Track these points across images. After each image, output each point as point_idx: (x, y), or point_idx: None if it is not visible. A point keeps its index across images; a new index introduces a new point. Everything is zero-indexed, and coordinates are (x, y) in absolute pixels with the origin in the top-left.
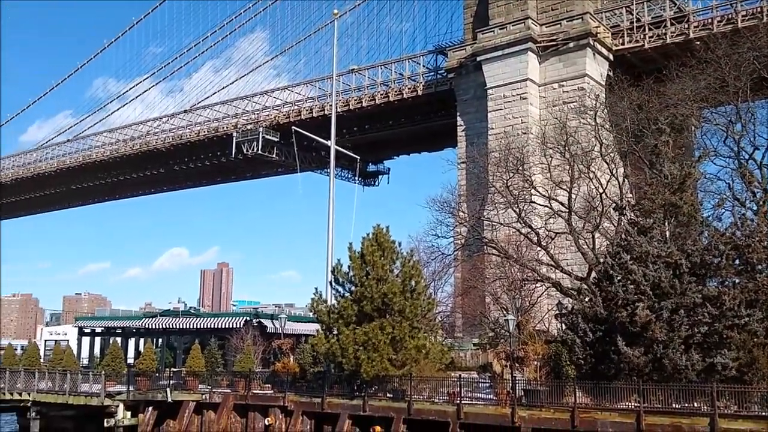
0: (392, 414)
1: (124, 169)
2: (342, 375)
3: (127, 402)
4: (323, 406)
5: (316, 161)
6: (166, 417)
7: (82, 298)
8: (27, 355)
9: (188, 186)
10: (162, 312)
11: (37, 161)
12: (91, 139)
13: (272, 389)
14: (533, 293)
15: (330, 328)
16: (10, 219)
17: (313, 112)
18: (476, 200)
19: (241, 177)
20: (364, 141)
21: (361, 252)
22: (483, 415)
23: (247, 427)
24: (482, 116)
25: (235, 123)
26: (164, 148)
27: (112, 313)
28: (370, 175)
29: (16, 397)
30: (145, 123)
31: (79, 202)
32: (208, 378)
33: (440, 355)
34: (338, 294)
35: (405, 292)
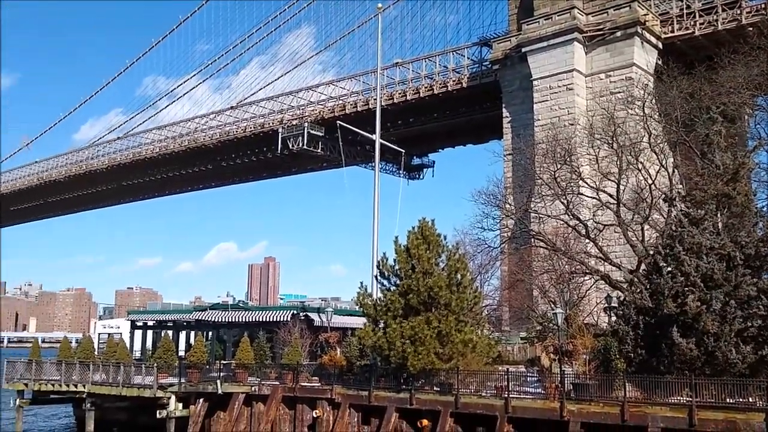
0: (439, 407)
1: (173, 166)
2: (389, 368)
3: (178, 394)
4: (370, 399)
5: (361, 155)
6: (216, 409)
7: (134, 292)
8: (82, 348)
9: (235, 182)
10: (212, 306)
11: (89, 159)
12: (140, 137)
13: (320, 382)
14: (581, 286)
15: (376, 322)
16: (64, 215)
17: (358, 106)
18: (523, 192)
19: (287, 172)
20: (409, 134)
21: (407, 245)
22: (531, 409)
23: (296, 419)
24: (528, 108)
25: (280, 119)
26: (212, 144)
27: (163, 306)
28: (414, 169)
29: (72, 388)
30: (193, 120)
31: (130, 198)
32: (257, 370)
33: (487, 349)
34: (384, 288)
35: (451, 286)
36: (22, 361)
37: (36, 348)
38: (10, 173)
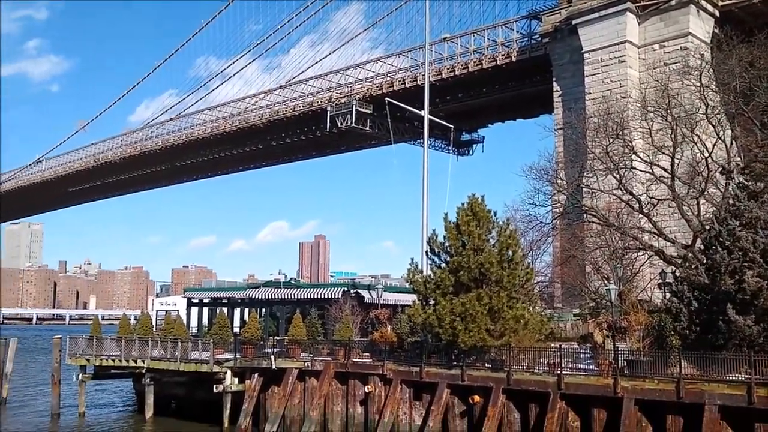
0: (491, 384)
1: (225, 146)
2: (439, 345)
3: (234, 369)
4: (421, 375)
5: (410, 132)
6: (270, 383)
7: (189, 271)
8: (140, 325)
9: (285, 161)
10: (264, 283)
11: (143, 140)
12: (192, 118)
13: (371, 358)
14: (635, 262)
15: (426, 299)
16: (121, 195)
17: (406, 82)
18: (574, 167)
19: (336, 150)
20: (458, 110)
21: (457, 222)
22: (584, 386)
23: (348, 394)
24: (579, 81)
25: (329, 97)
26: (261, 124)
27: (218, 284)
28: (464, 144)
29: (131, 364)
30: (243, 100)
31: (184, 178)
32: (309, 346)
33: (539, 326)
34: (434, 264)
35: (502, 262)
36: (84, 338)
37: (96, 325)
38: (67, 155)
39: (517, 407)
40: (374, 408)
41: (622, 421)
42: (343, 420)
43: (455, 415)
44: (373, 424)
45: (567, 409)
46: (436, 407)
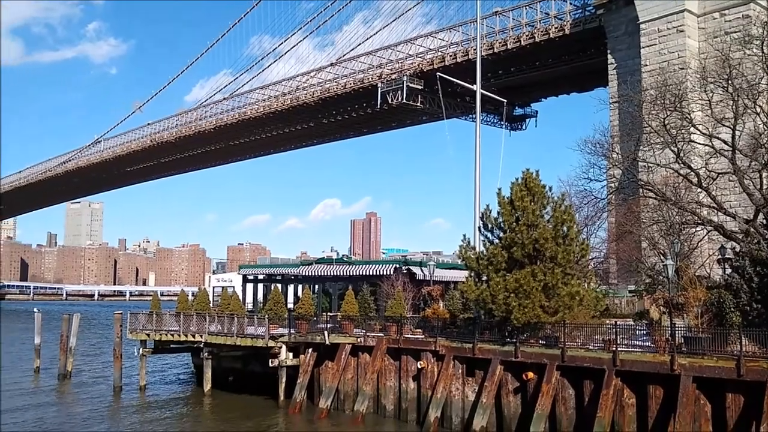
0: (545, 361)
1: (276, 124)
2: (492, 321)
3: (288, 344)
4: (474, 352)
5: (461, 107)
6: (324, 358)
7: (244, 248)
8: (198, 301)
9: (336, 138)
10: (317, 260)
11: (197, 120)
12: (245, 97)
13: (423, 334)
14: (693, 237)
15: (479, 275)
16: (177, 175)
17: (457, 57)
18: (630, 141)
19: (387, 127)
20: (510, 84)
21: (510, 197)
22: (640, 363)
23: (401, 370)
24: (635, 53)
25: (379, 73)
26: (312, 101)
27: (272, 261)
28: (516, 119)
29: (190, 338)
30: (294, 78)
31: (237, 157)
32: (362, 322)
33: (594, 302)
34: (487, 240)
35: (557, 238)
36: (144, 313)
37: (156, 301)
38: (124, 136)
39: (571, 384)
40: (427, 383)
41: (680, 398)
42: (396, 395)
43: (508, 392)
44: (426, 399)
45: (622, 386)
46: (489, 383)
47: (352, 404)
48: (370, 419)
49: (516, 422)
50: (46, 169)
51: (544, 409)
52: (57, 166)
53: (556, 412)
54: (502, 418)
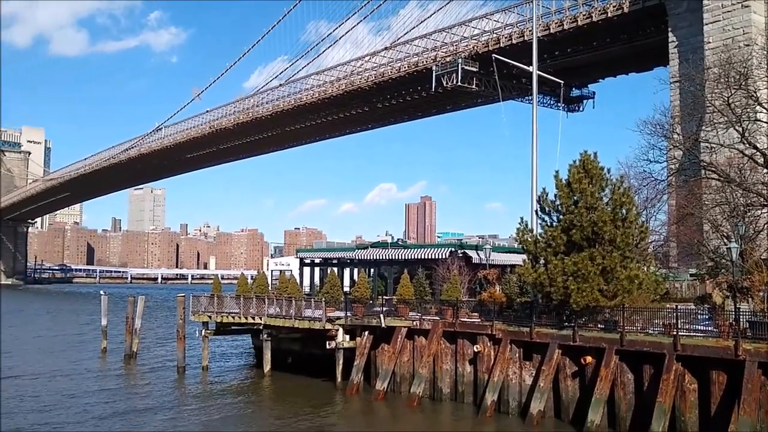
0: (604, 345)
1: (331, 110)
2: (550, 305)
3: (345, 327)
4: (531, 336)
5: (517, 89)
6: (380, 341)
7: (301, 232)
8: (257, 284)
9: (391, 122)
10: (373, 244)
11: (254, 106)
12: (300, 83)
13: (479, 318)
14: (758, 219)
15: (537, 258)
16: (236, 160)
17: (513, 38)
18: (692, 121)
19: (442, 110)
20: (567, 65)
21: (568, 180)
22: (702, 347)
23: (457, 353)
24: (697, 30)
25: (434, 56)
26: (367, 86)
27: (328, 245)
28: (573, 101)
29: (249, 321)
30: (349, 63)
31: (293, 143)
32: (417, 306)
33: (654, 286)
34: (544, 223)
35: (615, 221)
36: (206, 296)
37: (217, 284)
38: (184, 123)
39: (630, 369)
40: (483, 367)
41: (744, 384)
42: (452, 378)
43: (566, 376)
44: (483, 382)
45: (684, 371)
46: (546, 367)
47: (409, 387)
48: (427, 402)
49: (574, 406)
50: (110, 156)
51: (603, 393)
52: (120, 153)
53: (614, 397)
54: (560, 402)
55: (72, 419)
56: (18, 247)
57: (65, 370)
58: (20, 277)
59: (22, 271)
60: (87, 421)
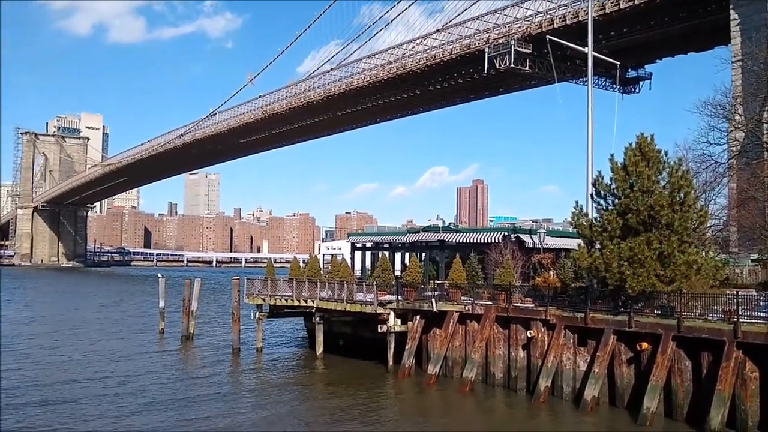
0: (660, 331)
1: (383, 93)
2: (605, 290)
3: (396, 310)
4: (586, 321)
5: (571, 71)
6: (432, 325)
7: (352, 216)
8: (309, 267)
9: (443, 105)
10: (424, 228)
11: (306, 91)
12: (352, 66)
13: (533, 303)
14: None
15: (592, 243)
16: (288, 145)
17: (567, 19)
18: (755, 101)
19: (494, 92)
20: (623, 45)
21: (624, 163)
22: (764, 335)
23: (510, 339)
24: (761, 7)
25: (486, 38)
26: (419, 69)
27: (379, 229)
28: (629, 82)
29: (302, 303)
30: (401, 46)
31: (344, 127)
32: (469, 290)
33: (713, 271)
34: (600, 207)
35: (673, 205)
36: (259, 279)
37: (270, 267)
38: (237, 108)
39: (688, 355)
40: (537, 352)
41: None
42: (505, 363)
43: (621, 362)
44: (536, 368)
45: (744, 359)
46: (601, 353)
47: (461, 371)
48: (479, 387)
49: (629, 393)
50: (166, 141)
51: (659, 380)
52: (176, 139)
53: (671, 384)
54: (615, 389)
55: (133, 402)
56: (78, 231)
57: (126, 351)
58: (80, 260)
59: (82, 254)
60: (146, 402)
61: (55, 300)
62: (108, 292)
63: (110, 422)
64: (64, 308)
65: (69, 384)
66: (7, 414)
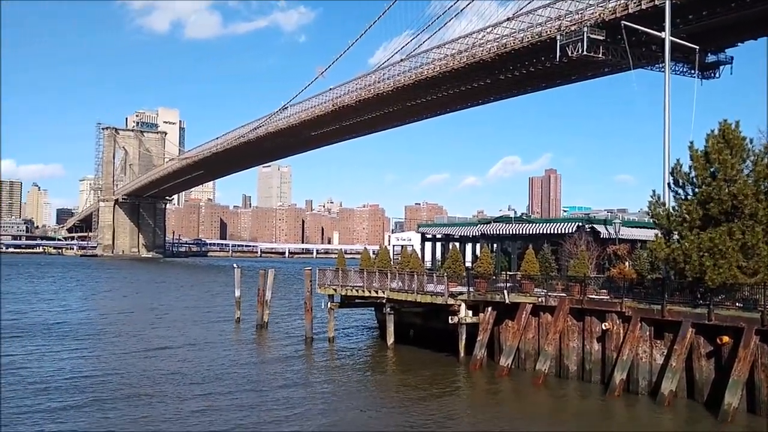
0: (742, 324)
1: (453, 83)
2: (683, 282)
3: (468, 302)
4: (663, 314)
5: (646, 57)
6: (504, 317)
7: (421, 207)
8: (379, 258)
9: (514, 94)
10: (495, 218)
11: (376, 82)
12: (422, 57)
13: (608, 295)
14: None
15: (669, 233)
16: (359, 137)
17: (642, 3)
18: None
19: (566, 80)
20: (701, 29)
21: (705, 150)
22: None
23: (584, 331)
24: None
25: (558, 26)
26: (489, 58)
27: (449, 220)
28: (709, 67)
29: (373, 294)
30: (471, 35)
31: (414, 118)
32: (542, 282)
33: None
34: (678, 197)
35: (758, 194)
36: (331, 270)
37: (341, 258)
38: (308, 101)
39: None
40: (612, 345)
41: None
42: (579, 356)
43: (700, 356)
44: (611, 361)
45: None
46: (679, 347)
47: (533, 364)
48: (552, 379)
49: (708, 388)
50: (240, 135)
51: (741, 375)
52: (249, 132)
53: (754, 379)
54: (693, 383)
55: (215, 390)
56: (157, 223)
57: (207, 339)
58: (160, 251)
59: (161, 245)
60: (225, 387)
61: (141, 290)
62: (187, 282)
63: (193, 406)
64: (150, 298)
65: (155, 373)
66: (93, 401)
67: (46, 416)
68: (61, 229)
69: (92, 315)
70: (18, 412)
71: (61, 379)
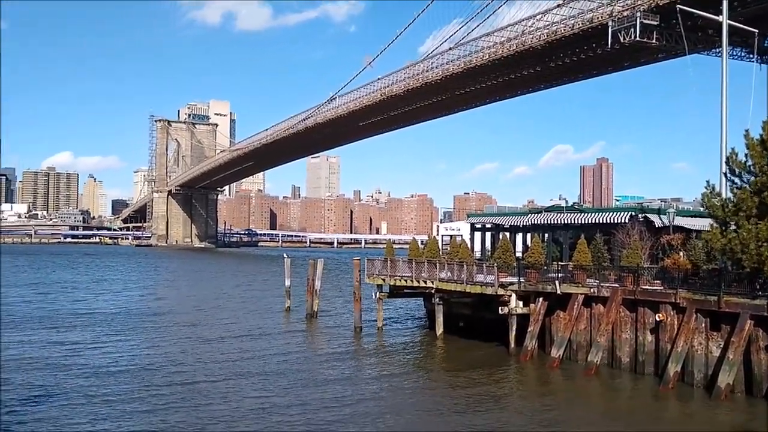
0: None
1: (502, 71)
2: (741, 273)
3: (518, 292)
4: (719, 305)
5: (702, 41)
6: (555, 308)
7: (470, 197)
8: (428, 248)
9: (565, 82)
10: (547, 208)
11: (424, 71)
12: (471, 45)
13: (662, 285)
14: None
15: (725, 223)
16: (407, 126)
17: None
18: None
19: (619, 67)
20: (761, 12)
21: (762, 138)
22: None
23: (637, 322)
24: None
25: (609, 11)
26: (539, 45)
27: (499, 210)
28: None
29: (421, 284)
30: (520, 23)
31: (463, 106)
32: (595, 272)
33: None
34: (734, 186)
35: None
36: (379, 260)
37: (390, 248)
38: (356, 91)
39: None
40: (666, 337)
41: None
42: (632, 347)
43: (759, 348)
44: (665, 352)
45: None
46: (736, 339)
47: (585, 355)
48: (605, 371)
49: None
50: (289, 126)
51: None
52: (298, 123)
53: None
54: (752, 377)
55: (272, 385)
56: (209, 214)
57: (260, 329)
58: (212, 241)
59: (213, 236)
60: (284, 385)
61: (196, 279)
62: (240, 271)
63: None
64: (205, 287)
65: (209, 363)
66: (145, 387)
67: (103, 404)
68: (117, 219)
69: (165, 303)
70: (67, 401)
71: (121, 365)
